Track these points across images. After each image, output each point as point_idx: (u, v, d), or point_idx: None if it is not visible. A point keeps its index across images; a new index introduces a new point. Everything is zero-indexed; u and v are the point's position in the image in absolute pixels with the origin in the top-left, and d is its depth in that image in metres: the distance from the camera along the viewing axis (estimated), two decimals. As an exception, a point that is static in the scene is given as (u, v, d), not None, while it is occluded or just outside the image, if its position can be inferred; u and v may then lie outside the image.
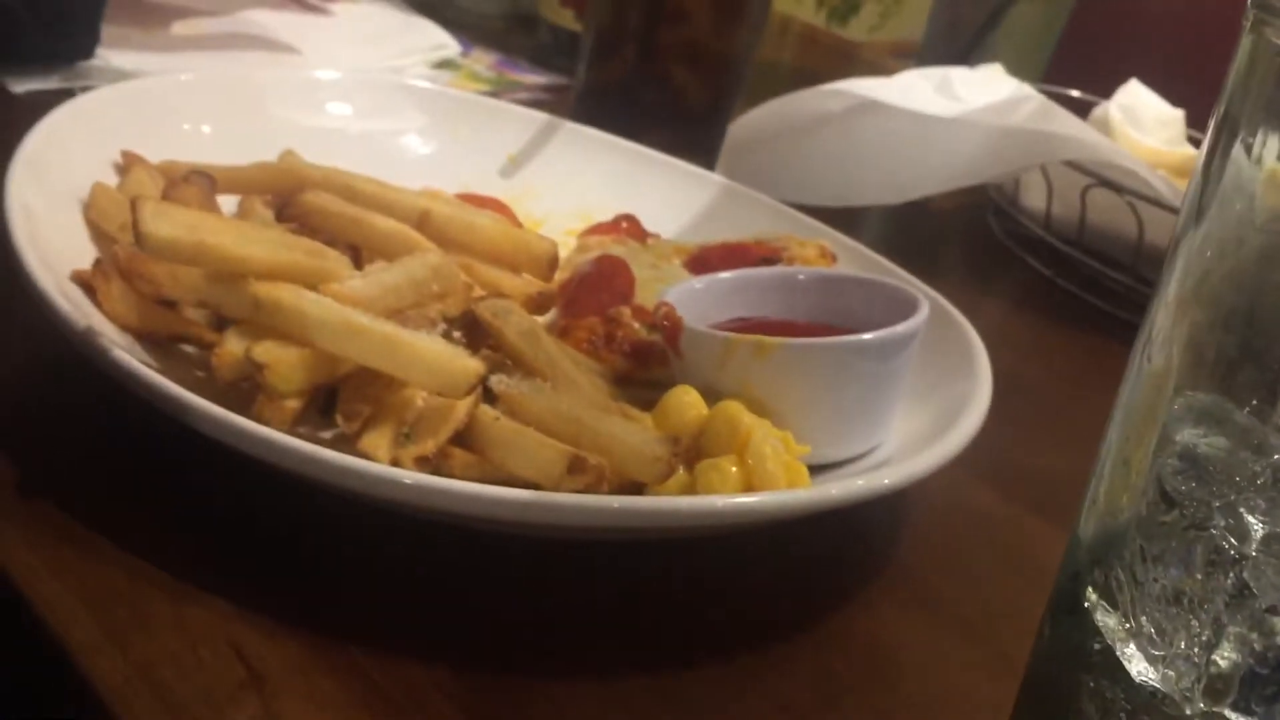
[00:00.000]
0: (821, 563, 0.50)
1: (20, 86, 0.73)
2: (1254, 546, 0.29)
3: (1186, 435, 0.31)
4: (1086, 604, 0.33)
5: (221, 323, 0.47)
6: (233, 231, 0.44)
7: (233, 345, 0.43)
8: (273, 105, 0.67)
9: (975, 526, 0.55)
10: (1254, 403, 0.30)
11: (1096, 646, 0.32)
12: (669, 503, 0.41)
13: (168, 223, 0.43)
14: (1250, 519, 0.29)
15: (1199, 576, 0.30)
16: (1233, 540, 0.29)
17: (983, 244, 0.93)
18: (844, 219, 0.72)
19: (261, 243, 0.44)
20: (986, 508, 0.57)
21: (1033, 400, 0.68)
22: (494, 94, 0.91)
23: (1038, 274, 0.87)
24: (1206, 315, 0.31)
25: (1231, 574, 0.29)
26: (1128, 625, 0.32)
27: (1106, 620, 0.32)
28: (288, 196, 0.52)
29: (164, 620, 0.39)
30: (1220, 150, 0.29)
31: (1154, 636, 0.31)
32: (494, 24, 1.12)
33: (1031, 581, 0.44)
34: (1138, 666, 0.31)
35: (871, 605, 0.48)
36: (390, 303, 0.46)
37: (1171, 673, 0.30)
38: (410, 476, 0.40)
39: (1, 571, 0.39)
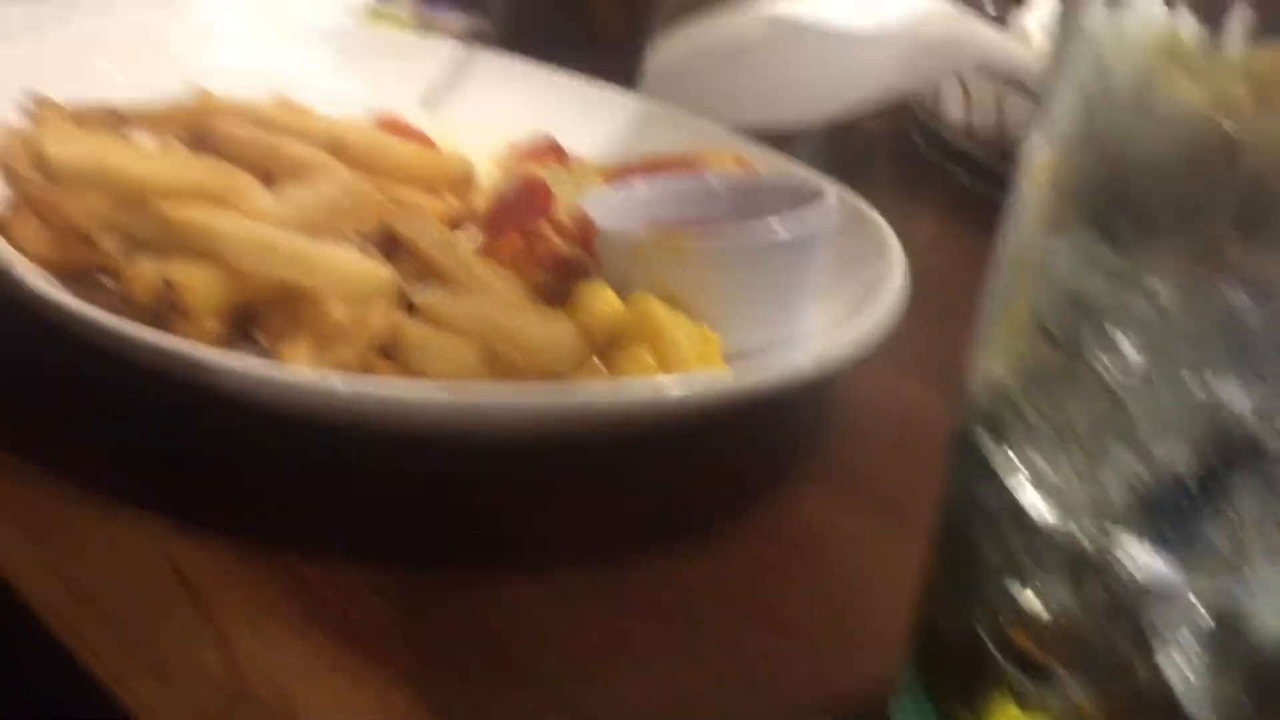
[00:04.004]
0: (747, 456, 0.51)
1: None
2: (1129, 374, 0.30)
3: (1065, 275, 0.32)
4: (980, 449, 0.34)
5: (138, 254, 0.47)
6: (136, 153, 0.44)
7: (146, 268, 0.43)
8: (179, 49, 0.67)
9: (902, 417, 0.56)
10: (1130, 248, 0.31)
11: (992, 489, 0.33)
12: (589, 387, 0.42)
13: (69, 146, 0.43)
14: (1126, 346, 0.30)
15: (1080, 409, 0.31)
16: (1110, 368, 0.30)
17: (909, 161, 0.94)
18: (775, 146, 0.72)
19: (167, 164, 0.45)
20: (913, 399, 0.57)
21: (964, 301, 0.69)
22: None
23: (962, 186, 0.88)
24: (1080, 166, 0.32)
25: (1110, 403, 0.30)
26: (1018, 464, 0.33)
27: (999, 461, 0.33)
28: (200, 128, 0.52)
29: (98, 542, 0.40)
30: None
31: (1044, 473, 0.32)
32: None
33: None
34: (1031, 503, 0.32)
35: (798, 493, 0.49)
36: (302, 220, 0.46)
37: (1063, 507, 0.32)
38: (329, 380, 0.40)
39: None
